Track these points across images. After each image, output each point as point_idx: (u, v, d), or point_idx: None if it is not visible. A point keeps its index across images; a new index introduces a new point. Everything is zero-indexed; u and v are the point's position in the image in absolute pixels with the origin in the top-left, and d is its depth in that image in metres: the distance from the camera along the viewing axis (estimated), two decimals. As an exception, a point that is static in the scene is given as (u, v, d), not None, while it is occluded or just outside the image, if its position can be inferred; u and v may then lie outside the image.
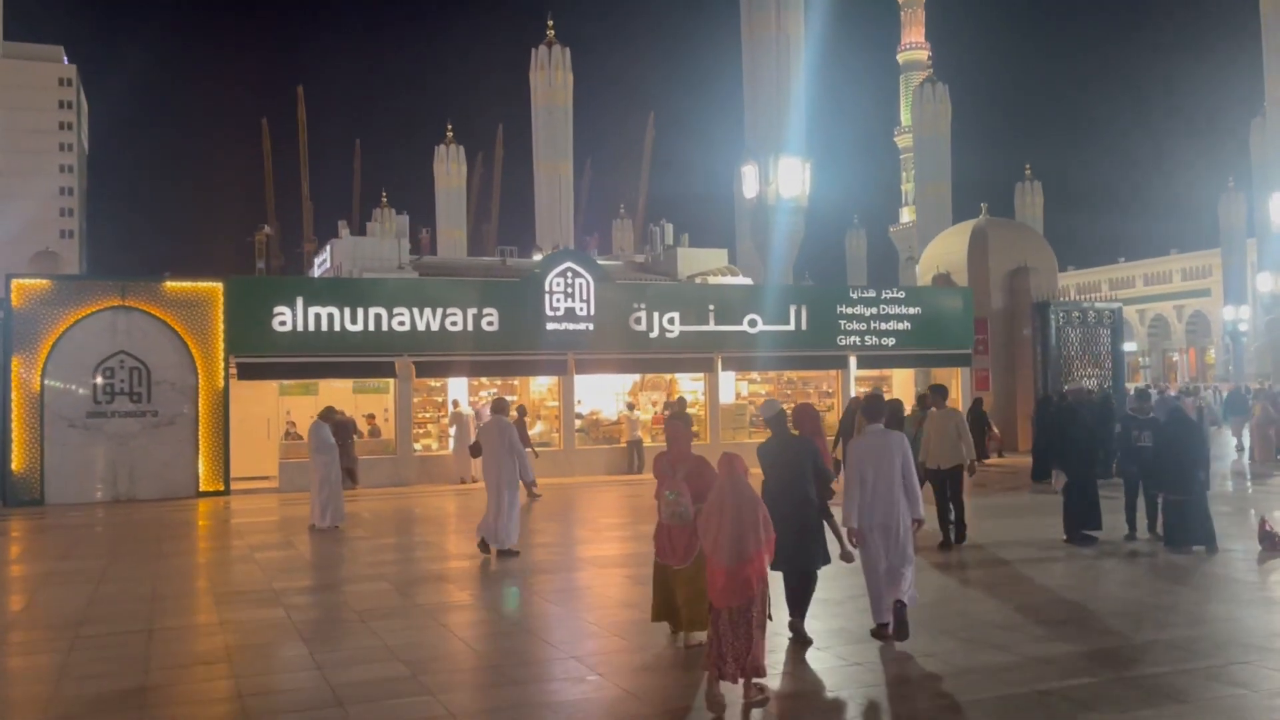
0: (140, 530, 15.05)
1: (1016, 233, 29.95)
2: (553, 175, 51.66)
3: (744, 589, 6.34)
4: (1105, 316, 27.53)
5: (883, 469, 7.66)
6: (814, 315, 24.02)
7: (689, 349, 22.88)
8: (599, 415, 23.51)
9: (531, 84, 52.80)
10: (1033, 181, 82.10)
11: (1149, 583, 9.88)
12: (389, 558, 12.23)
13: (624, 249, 65.09)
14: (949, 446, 12.02)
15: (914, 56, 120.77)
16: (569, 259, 22.53)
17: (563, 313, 21.77)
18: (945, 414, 12.21)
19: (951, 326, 25.38)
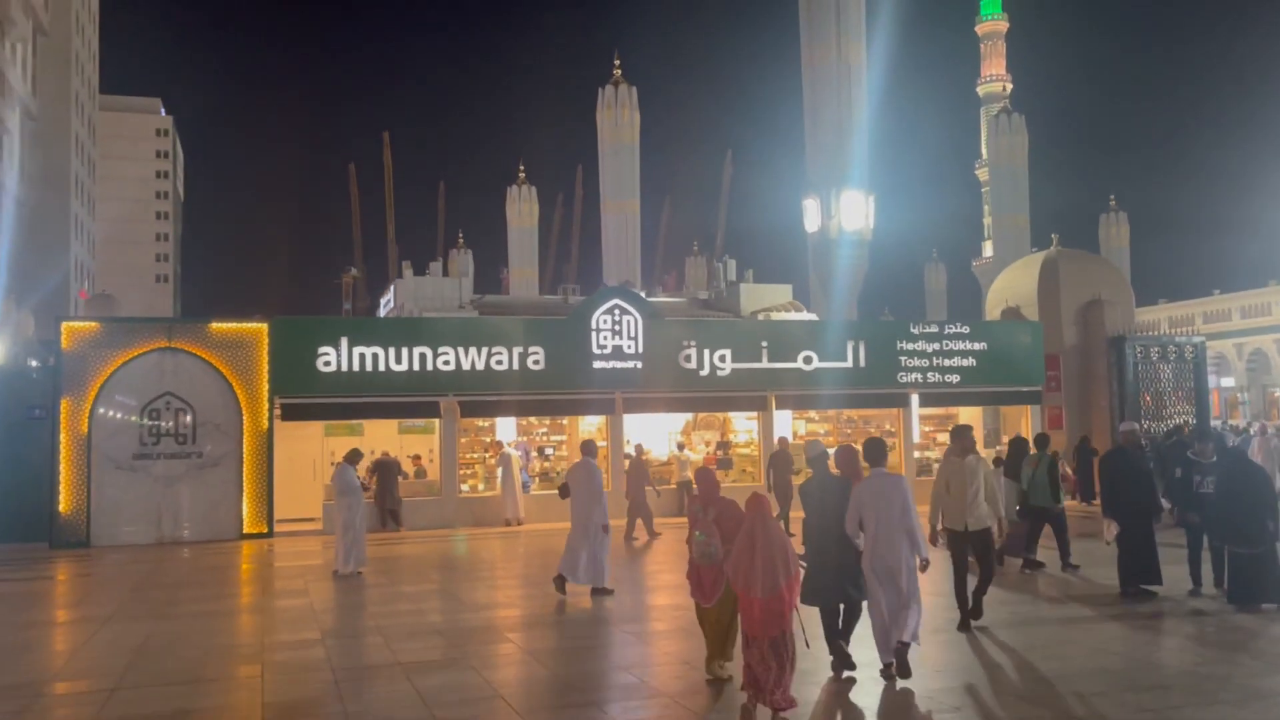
0: (168, 575, 14.97)
1: (1090, 264, 28.69)
2: (619, 214, 51.70)
3: (778, 620, 6.89)
4: (1187, 351, 26.12)
5: (884, 512, 7.91)
6: (873, 351, 23.36)
7: (742, 387, 22.47)
8: (648, 455, 22.91)
9: (599, 123, 53.06)
10: (1118, 212, 79.44)
11: (1204, 647, 8.99)
12: (402, 608, 11.81)
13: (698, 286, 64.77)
14: (969, 502, 9.50)
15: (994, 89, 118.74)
16: (616, 296, 22.22)
17: (610, 350, 21.48)
18: (967, 463, 9.66)
19: (1020, 362, 24.45)
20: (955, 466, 9.73)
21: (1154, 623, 10.02)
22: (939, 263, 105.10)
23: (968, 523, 9.63)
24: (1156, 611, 10.48)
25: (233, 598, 13.05)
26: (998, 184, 68.59)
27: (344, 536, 14.26)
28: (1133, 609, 10.62)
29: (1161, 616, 10.28)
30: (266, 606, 12.05)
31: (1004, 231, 65.93)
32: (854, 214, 32.30)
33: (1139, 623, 10.00)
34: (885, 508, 7.90)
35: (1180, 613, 10.49)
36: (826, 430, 24.68)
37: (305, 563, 15.91)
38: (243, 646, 9.73)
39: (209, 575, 15.01)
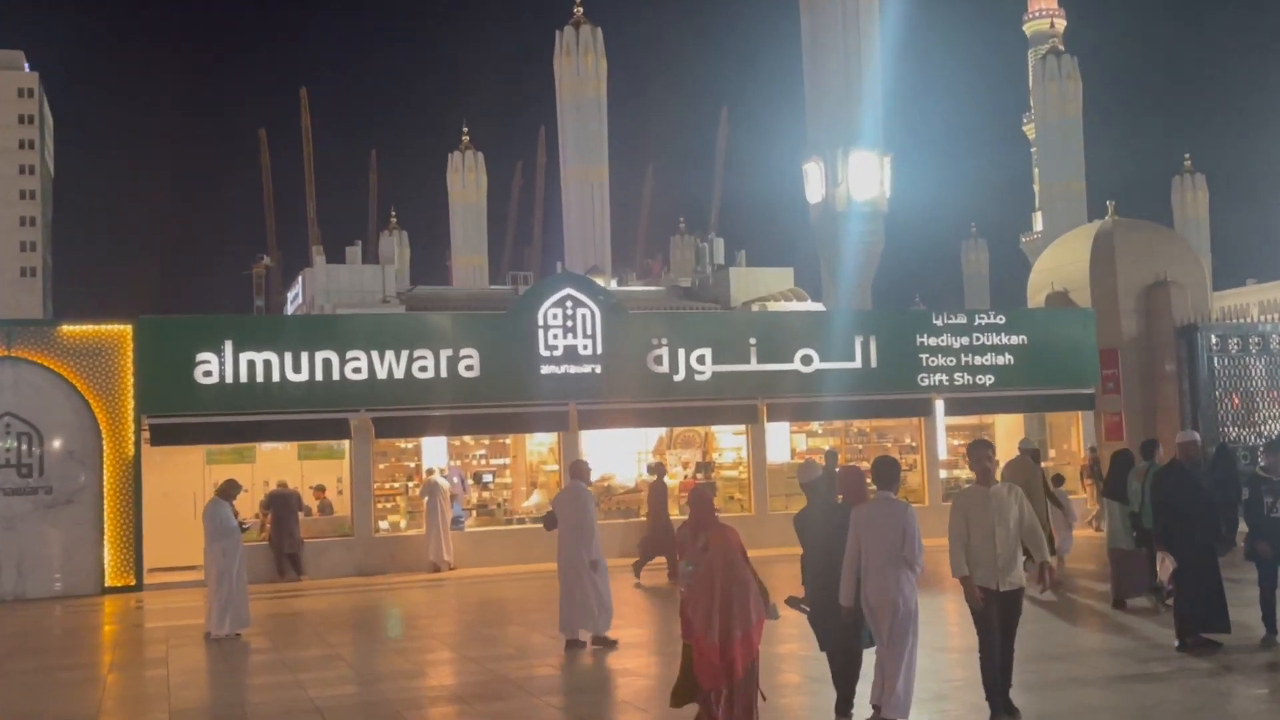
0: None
1: (1154, 237, 28.58)
2: (583, 184, 51.48)
3: (728, 672, 7.46)
4: (1274, 341, 26.02)
5: (875, 542, 8.23)
6: (888, 348, 23.28)
7: (726, 394, 22.36)
8: (612, 481, 22.99)
9: (556, 73, 52.82)
10: (1194, 175, 79.98)
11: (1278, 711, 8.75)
12: (281, 680, 11.50)
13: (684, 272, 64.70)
14: (999, 552, 8.37)
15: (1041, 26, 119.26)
16: (568, 284, 22.04)
17: (561, 352, 21.34)
18: (993, 494, 8.47)
19: (1070, 359, 24.46)
20: (977, 499, 8.44)
21: (1214, 681, 9.86)
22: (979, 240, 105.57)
23: (998, 580, 8.36)
24: (1223, 666, 10.35)
25: (73, 669, 12.75)
26: (1047, 141, 68.72)
27: (218, 590, 13.99)
28: (1193, 664, 10.49)
29: (1225, 673, 10.13)
30: (112, 680, 11.72)
31: (1055, 200, 66.07)
32: (865, 180, 32.24)
33: (1197, 681, 9.85)
34: (878, 537, 8.21)
35: (1250, 667, 10.34)
36: (832, 447, 24.50)
37: (178, 623, 15.67)
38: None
39: (51, 640, 14.70)
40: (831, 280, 34.33)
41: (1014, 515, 8.43)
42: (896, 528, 8.16)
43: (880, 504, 8.40)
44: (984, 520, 8.39)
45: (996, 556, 8.33)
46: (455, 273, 69.11)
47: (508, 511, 22.37)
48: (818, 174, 32.75)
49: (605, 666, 11.70)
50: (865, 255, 32.88)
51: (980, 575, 8.36)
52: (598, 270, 47.42)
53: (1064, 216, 60.99)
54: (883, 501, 8.42)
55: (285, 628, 15.09)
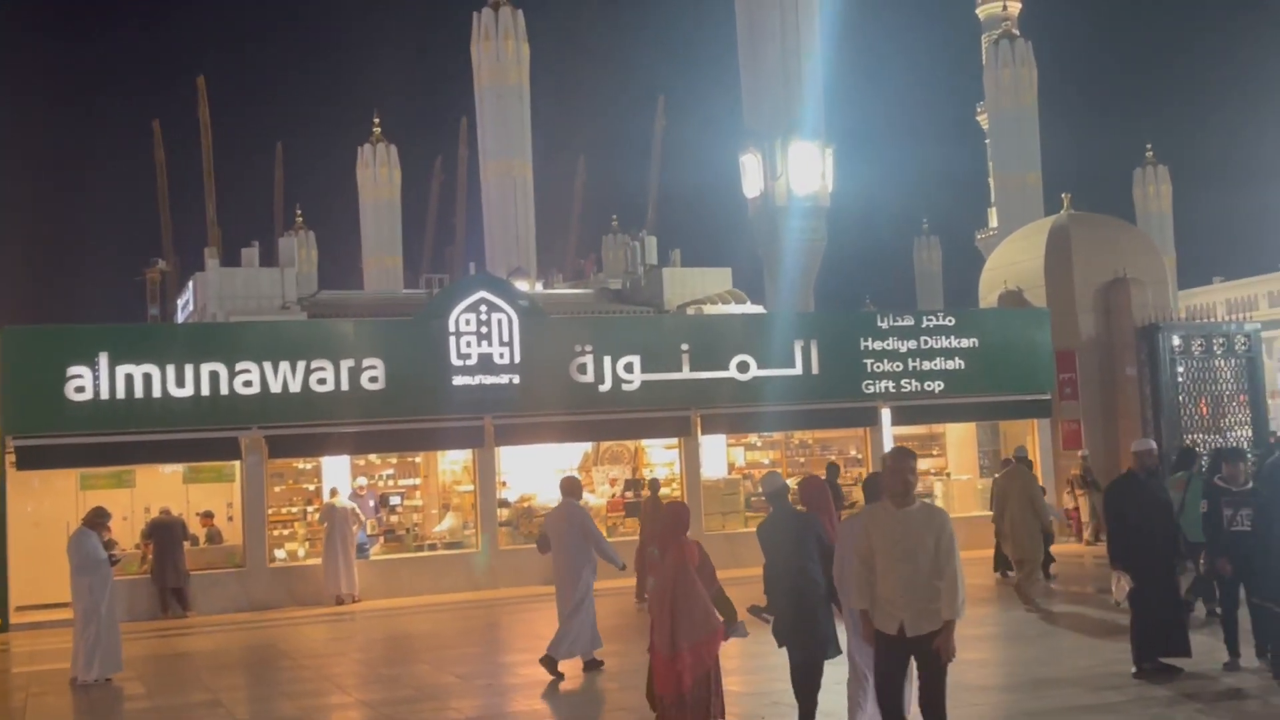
0: None
1: (1112, 231, 28.99)
2: (504, 178, 51.17)
3: (677, 682, 8.25)
4: (1237, 342, 26.46)
5: None
6: (829, 353, 23.39)
7: (656, 405, 22.38)
8: (532, 502, 22.84)
9: (474, 59, 52.47)
10: (1156, 166, 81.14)
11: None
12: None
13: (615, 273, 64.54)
14: (912, 591, 7.38)
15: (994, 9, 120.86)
16: (482, 287, 21.87)
17: (475, 361, 21.20)
18: (910, 516, 7.54)
19: (1024, 362, 24.71)
20: (885, 520, 7.53)
21: (1178, 710, 9.86)
22: (931, 237, 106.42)
23: (904, 620, 7.34)
24: (1183, 694, 10.37)
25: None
26: (1001, 131, 69.47)
27: (85, 630, 13.62)
28: (1151, 692, 10.50)
29: (1184, 701, 10.16)
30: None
31: (1010, 194, 66.75)
32: (806, 173, 32.31)
33: (1158, 711, 9.84)
34: None
35: (1210, 694, 10.38)
36: (772, 460, 24.54)
37: (43, 667, 15.28)
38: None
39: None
40: (772, 281, 34.34)
41: (930, 548, 7.35)
42: None
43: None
44: (890, 548, 7.42)
45: (899, 596, 7.34)
46: (368, 275, 68.34)
47: (418, 537, 22.16)
48: (755, 166, 32.75)
49: (515, 710, 11.47)
50: (807, 254, 32.88)
51: (878, 616, 7.44)
52: (521, 272, 47.13)
53: (1020, 211, 61.62)
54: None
55: (165, 671, 14.72)
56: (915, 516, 7.45)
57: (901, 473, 7.54)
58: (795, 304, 32.69)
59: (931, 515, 7.50)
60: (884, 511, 7.60)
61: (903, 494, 7.51)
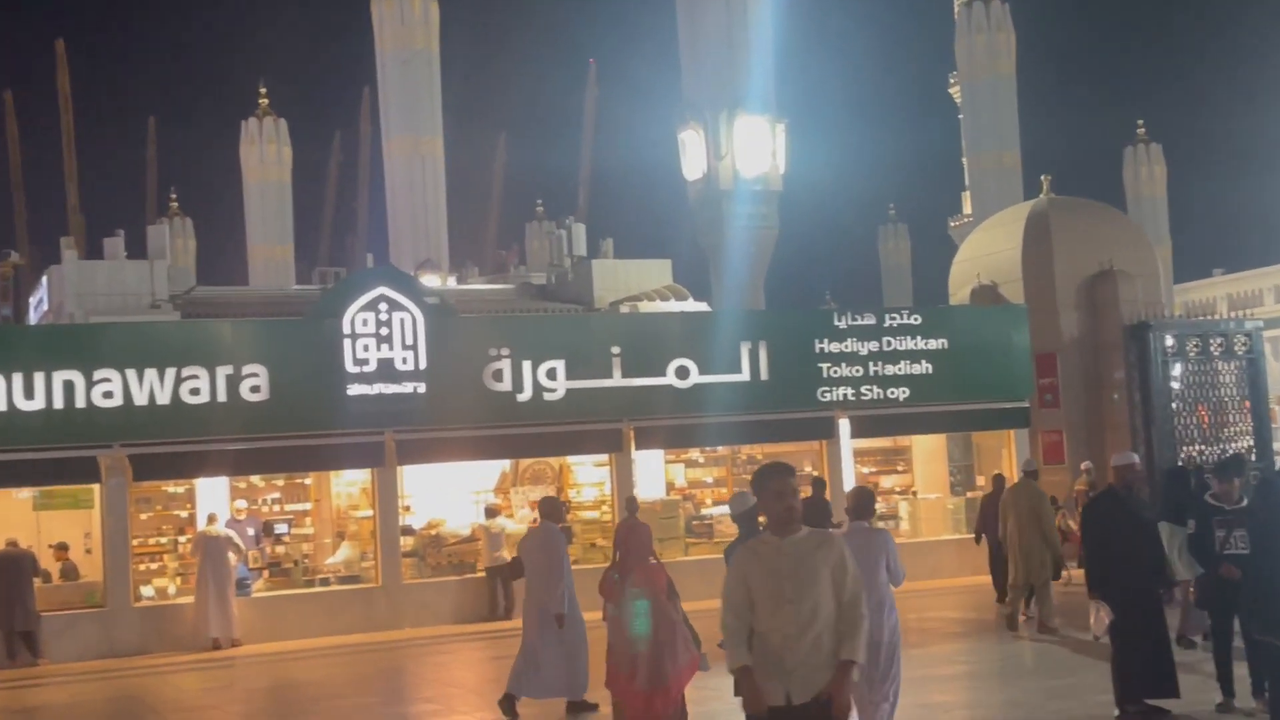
0: None
1: (1098, 219, 29.43)
2: (412, 157, 50.92)
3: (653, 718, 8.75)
4: (1237, 342, 26.92)
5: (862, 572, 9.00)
6: (781, 357, 23.52)
7: (584, 417, 22.40)
8: (441, 528, 22.85)
9: (374, 21, 52.19)
10: (1149, 145, 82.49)
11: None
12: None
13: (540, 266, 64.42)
14: (802, 642, 6.64)
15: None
16: (382, 282, 21.76)
17: (374, 367, 21.12)
18: (798, 544, 6.86)
19: (999, 366, 24.94)
20: (766, 556, 6.82)
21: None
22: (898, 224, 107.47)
23: (790, 690, 6.61)
24: (1172, 740, 10.47)
25: None
26: (975, 105, 70.19)
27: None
28: (1136, 737, 10.61)
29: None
30: None
31: (986, 176, 67.43)
32: (755, 152, 32.45)
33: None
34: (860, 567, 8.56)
35: (1206, 740, 10.49)
36: (714, 479, 24.61)
37: None
38: None
39: None
40: (716, 275, 34.45)
41: (824, 586, 6.69)
42: (879, 557, 9.79)
43: (858, 534, 9.91)
44: (773, 590, 6.69)
45: (784, 650, 6.60)
46: (254, 269, 67.78)
47: (308, 570, 22.00)
48: (696, 144, 32.86)
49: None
50: (756, 244, 33.05)
51: (761, 675, 6.67)
52: (431, 265, 46.84)
53: (996, 195, 62.26)
54: (859, 531, 10.00)
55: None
56: (803, 547, 6.73)
57: (781, 495, 6.79)
58: (743, 301, 32.85)
59: (824, 545, 6.78)
60: (764, 545, 6.86)
61: (784, 520, 6.79)
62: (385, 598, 21.36)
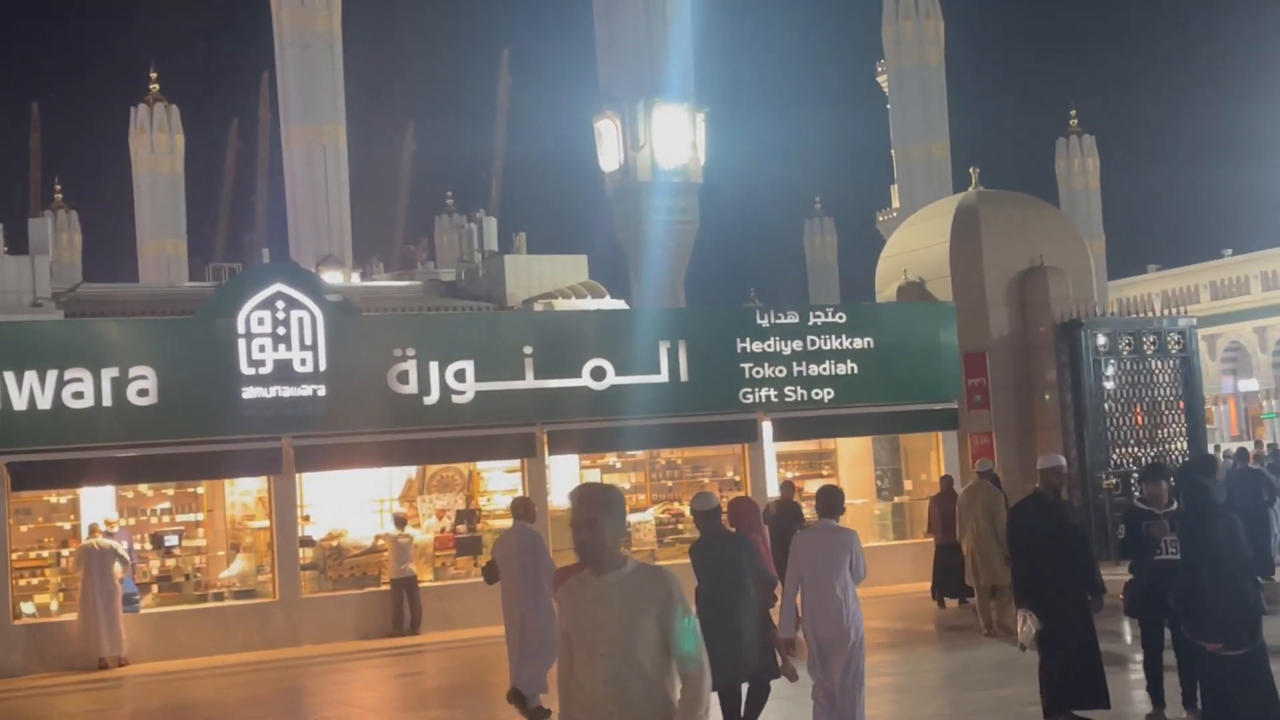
0: None
1: (1028, 212, 29.70)
2: (313, 146, 50.54)
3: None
4: (1170, 340, 27.32)
5: (824, 571, 10.47)
6: (702, 357, 23.62)
7: (494, 420, 22.37)
8: (342, 539, 22.71)
9: (273, 3, 51.69)
10: (1081, 136, 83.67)
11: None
12: None
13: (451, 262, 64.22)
14: (618, 695, 5.77)
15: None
16: (279, 278, 21.61)
17: (271, 369, 20.96)
18: (615, 583, 5.95)
19: (927, 366, 25.19)
20: (582, 597, 6.00)
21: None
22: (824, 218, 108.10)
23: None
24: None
25: None
26: (903, 95, 70.86)
27: None
28: (1066, 749, 10.72)
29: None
30: None
31: (914, 168, 68.19)
32: (674, 142, 32.57)
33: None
34: (826, 566, 10.45)
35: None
36: (632, 485, 24.68)
37: None
38: None
39: None
40: (634, 271, 34.49)
41: (650, 632, 5.82)
42: (843, 555, 10.48)
43: (824, 532, 10.77)
44: (589, 637, 5.93)
45: (604, 709, 5.78)
46: (144, 265, 66.91)
47: (201, 585, 21.81)
48: (613, 134, 32.94)
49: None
50: (676, 239, 33.17)
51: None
52: (333, 260, 46.70)
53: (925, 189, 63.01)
54: (826, 530, 10.78)
55: None
56: (623, 587, 5.88)
57: (577, 526, 5.94)
58: (662, 299, 32.94)
59: (651, 584, 5.88)
60: (580, 585, 6.03)
61: (595, 553, 5.91)
62: (283, 613, 21.19)
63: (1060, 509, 11.53)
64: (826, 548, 10.58)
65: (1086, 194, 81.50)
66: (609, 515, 5.96)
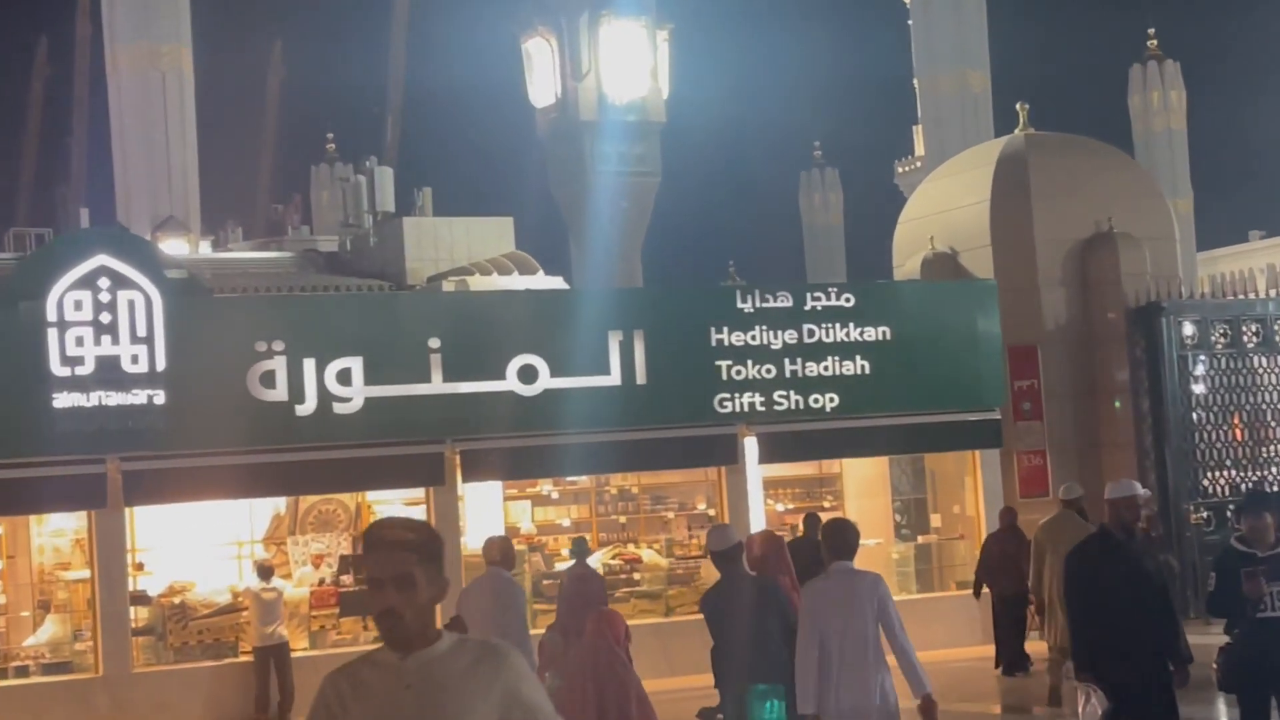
0: None
1: (1092, 161, 29.87)
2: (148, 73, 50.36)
3: None
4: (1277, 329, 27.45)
5: (849, 627, 10.61)
6: (664, 353, 23.68)
7: (390, 436, 22.48)
8: (188, 594, 22.71)
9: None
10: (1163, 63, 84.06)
11: None
12: None
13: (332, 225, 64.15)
14: None
15: None
16: (102, 248, 21.54)
17: (92, 370, 20.93)
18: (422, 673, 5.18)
19: (962, 364, 25.32)
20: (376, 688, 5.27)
21: None
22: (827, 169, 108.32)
23: None
24: None
25: None
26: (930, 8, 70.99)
27: None
28: None
29: None
30: None
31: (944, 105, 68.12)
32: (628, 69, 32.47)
33: None
34: (849, 621, 10.58)
35: None
36: (574, 520, 24.68)
37: None
38: None
39: None
40: (576, 239, 34.48)
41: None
42: (868, 606, 10.62)
43: (842, 578, 10.83)
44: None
45: None
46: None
47: (454, 607, 21.80)
48: (547, 57, 32.82)
49: None
50: (631, 196, 33.05)
51: None
52: (176, 225, 46.50)
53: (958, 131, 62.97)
54: (844, 575, 10.85)
55: None
56: (442, 671, 5.30)
57: (394, 581, 5.20)
58: (613, 276, 32.88)
59: (486, 662, 5.33)
60: (374, 669, 5.34)
61: (404, 628, 5.22)
62: (108, 692, 21.11)
63: (1134, 552, 11.55)
64: (846, 598, 10.75)
65: (1169, 137, 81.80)
66: (427, 566, 5.25)
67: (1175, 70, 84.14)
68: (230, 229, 52.98)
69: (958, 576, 25.40)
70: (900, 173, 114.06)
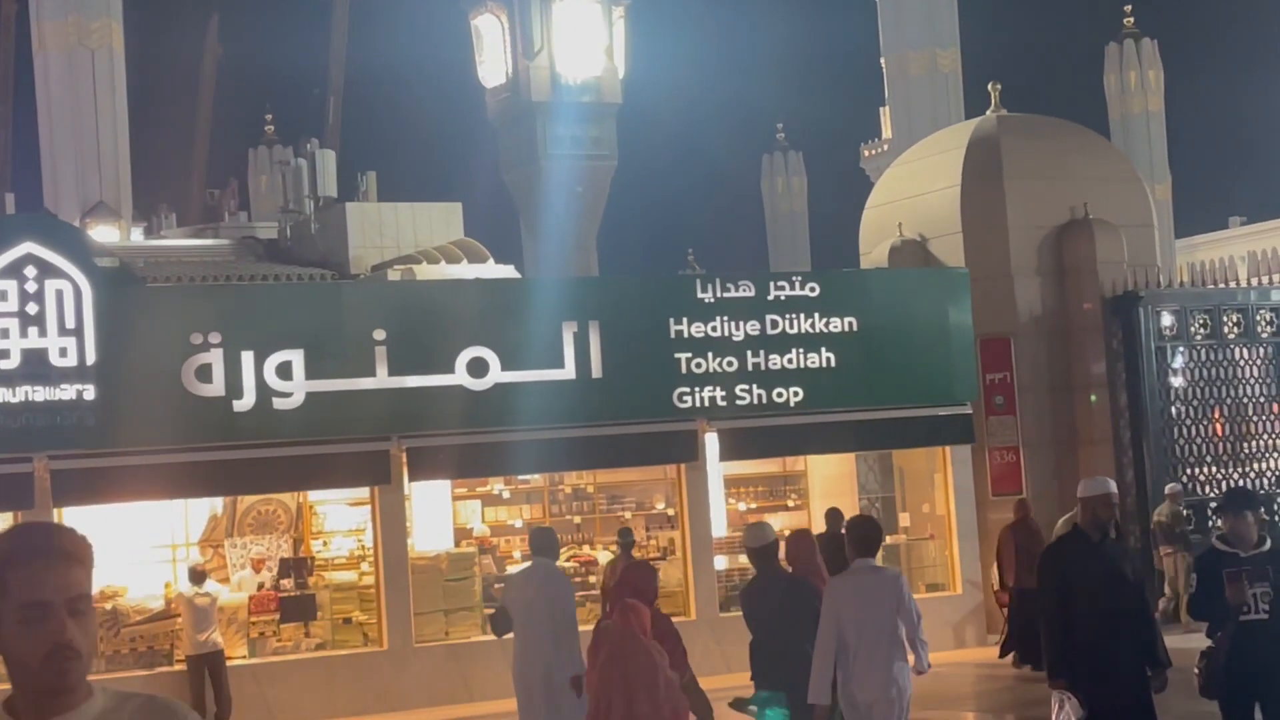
0: None
1: (1065, 143, 29.97)
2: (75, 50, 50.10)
3: None
4: (1260, 319, 27.59)
5: (867, 622, 11.33)
6: (620, 345, 23.76)
7: (333, 433, 22.51)
8: (120, 599, 22.66)
9: None
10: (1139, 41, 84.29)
11: None
12: None
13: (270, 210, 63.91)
14: None
15: None
16: (28, 234, 21.44)
17: (18, 364, 20.91)
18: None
19: (931, 356, 25.45)
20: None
21: None
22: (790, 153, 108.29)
23: None
24: None
25: None
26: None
27: None
28: None
29: None
30: None
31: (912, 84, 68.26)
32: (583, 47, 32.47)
33: None
34: (868, 616, 11.35)
35: None
36: (526, 521, 24.67)
37: None
38: None
39: None
40: (528, 227, 34.48)
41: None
42: (889, 603, 11.41)
43: (864, 575, 11.64)
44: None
45: None
46: None
47: (499, 600, 21.74)
48: (496, 35, 32.85)
49: None
50: (586, 180, 33.11)
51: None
52: (106, 210, 46.23)
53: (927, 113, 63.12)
54: (866, 572, 11.65)
55: None
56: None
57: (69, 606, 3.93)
58: (567, 265, 32.89)
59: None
60: None
61: (69, 677, 3.91)
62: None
63: (1110, 552, 11.61)
64: (868, 594, 11.50)
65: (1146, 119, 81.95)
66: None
67: (1153, 49, 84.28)
68: (164, 215, 52.73)
69: (927, 578, 25.53)
70: (867, 156, 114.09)
